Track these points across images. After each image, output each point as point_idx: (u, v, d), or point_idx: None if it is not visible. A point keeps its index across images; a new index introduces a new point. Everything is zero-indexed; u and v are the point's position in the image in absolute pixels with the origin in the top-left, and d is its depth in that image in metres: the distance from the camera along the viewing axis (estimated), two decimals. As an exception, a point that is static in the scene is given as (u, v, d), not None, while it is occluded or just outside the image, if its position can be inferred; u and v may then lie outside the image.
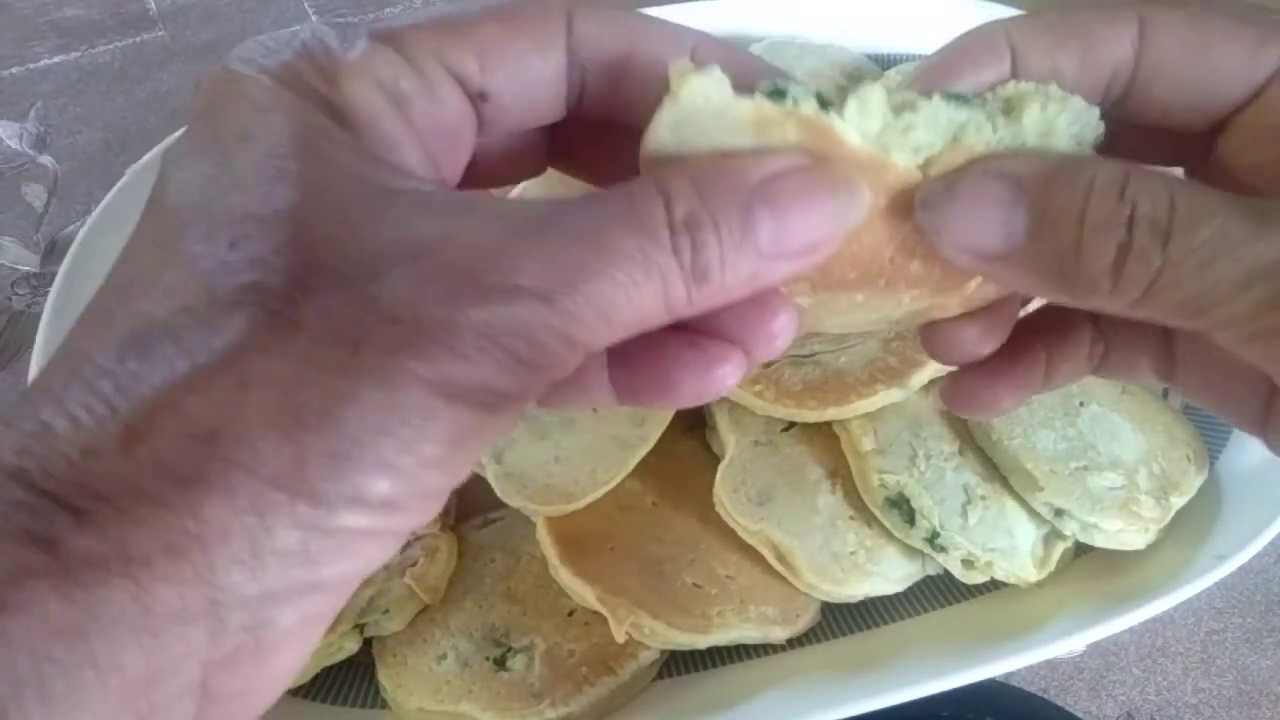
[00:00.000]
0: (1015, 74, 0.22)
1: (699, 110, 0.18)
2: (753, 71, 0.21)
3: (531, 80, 0.21)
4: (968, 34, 0.23)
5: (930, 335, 0.25)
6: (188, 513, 0.16)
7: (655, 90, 0.19)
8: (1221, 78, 0.22)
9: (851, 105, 0.19)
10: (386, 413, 0.17)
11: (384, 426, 0.17)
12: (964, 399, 0.27)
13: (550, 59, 0.21)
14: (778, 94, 0.18)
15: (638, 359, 0.21)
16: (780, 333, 0.21)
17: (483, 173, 0.24)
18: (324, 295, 0.17)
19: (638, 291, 0.18)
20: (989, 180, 0.20)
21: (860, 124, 0.19)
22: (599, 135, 0.24)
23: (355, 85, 0.19)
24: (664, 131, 0.19)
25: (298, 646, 0.18)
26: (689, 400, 0.22)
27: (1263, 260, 0.18)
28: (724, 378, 0.21)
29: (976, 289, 0.23)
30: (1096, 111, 0.21)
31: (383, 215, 0.18)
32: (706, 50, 0.22)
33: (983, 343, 0.25)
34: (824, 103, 0.19)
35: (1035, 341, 0.26)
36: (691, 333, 0.21)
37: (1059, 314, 0.27)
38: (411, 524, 0.19)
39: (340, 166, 0.18)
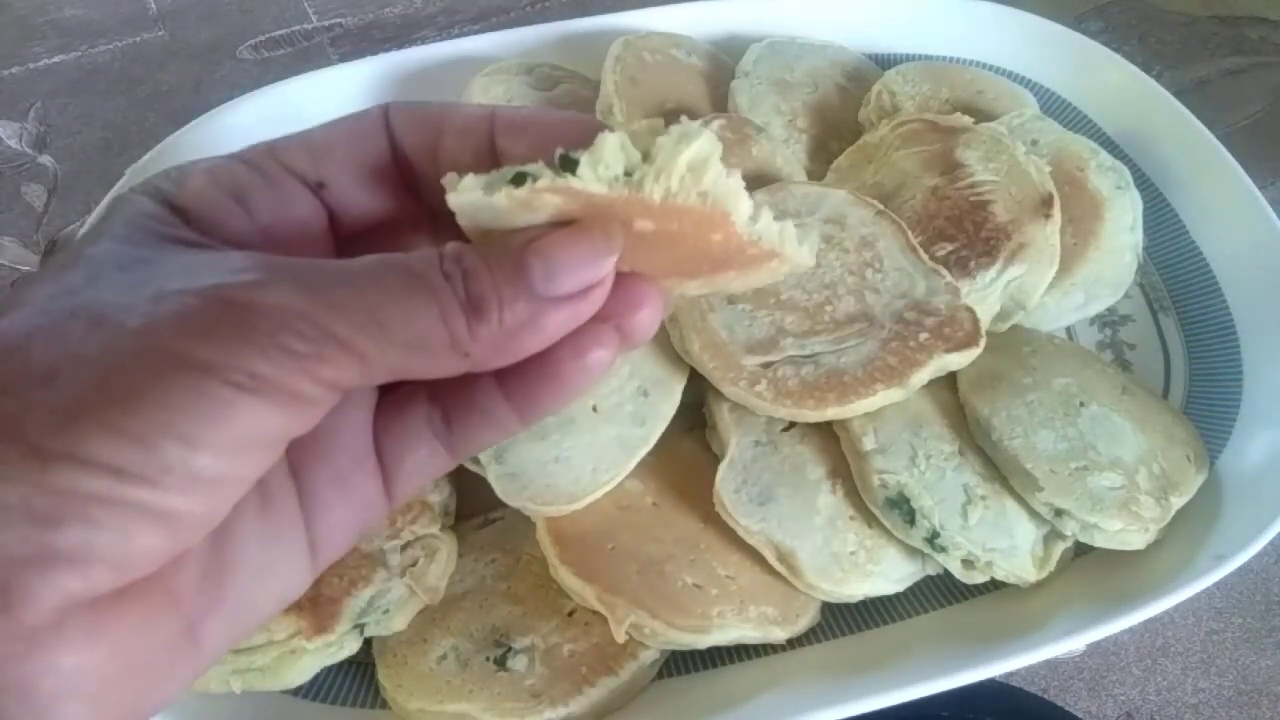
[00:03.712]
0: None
1: (476, 206, 0.21)
2: (553, 136, 0.23)
3: (362, 165, 0.25)
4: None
5: None
6: None
7: (464, 165, 0.23)
8: None
9: (584, 162, 0.21)
10: (131, 376, 0.19)
11: (128, 389, 0.18)
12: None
13: (372, 144, 0.25)
14: (520, 178, 0.21)
15: (525, 360, 0.23)
16: (646, 317, 0.24)
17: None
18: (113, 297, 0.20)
19: (410, 301, 0.21)
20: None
21: (600, 173, 0.21)
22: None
23: (194, 183, 0.24)
24: (465, 220, 0.22)
25: (78, 637, 0.19)
26: (574, 384, 0.24)
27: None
28: (600, 360, 0.23)
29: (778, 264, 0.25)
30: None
31: (179, 263, 0.21)
32: (505, 118, 0.25)
33: None
34: (570, 163, 0.21)
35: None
36: None
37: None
38: (169, 502, 0.19)
39: (155, 233, 0.22)
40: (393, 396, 0.26)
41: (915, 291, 0.45)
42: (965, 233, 0.49)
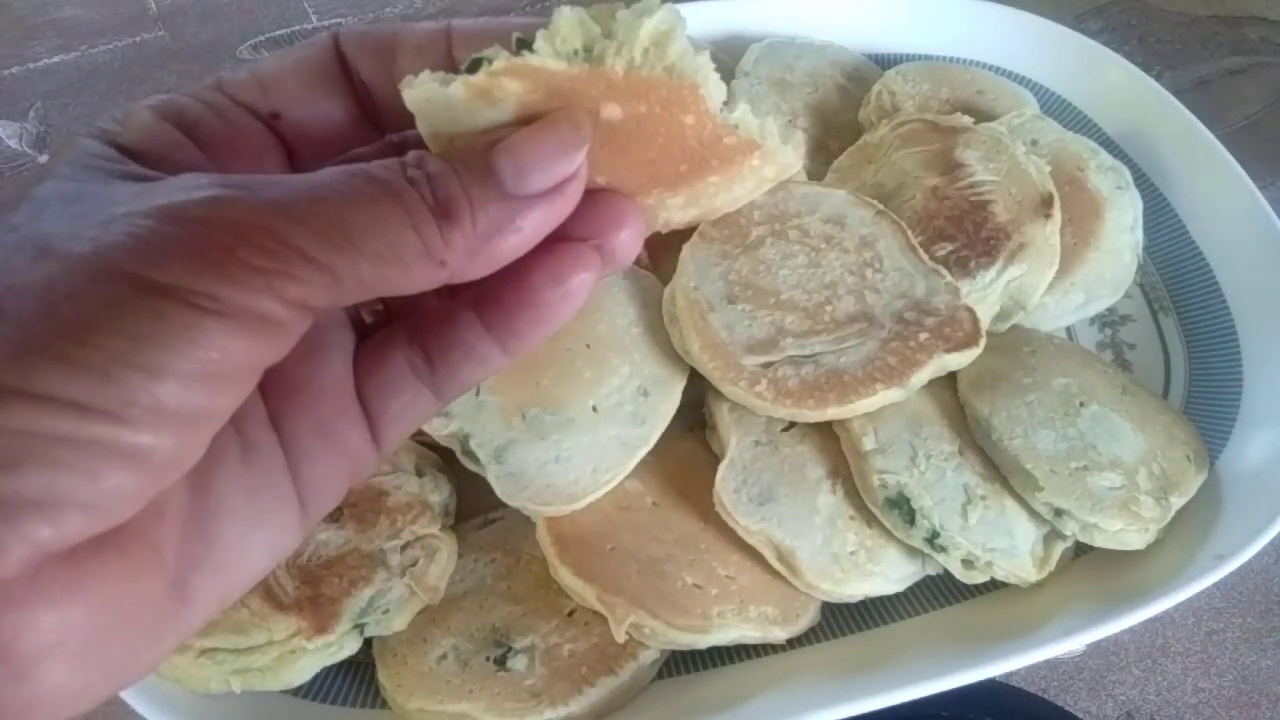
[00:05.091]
0: None
1: (435, 104, 0.21)
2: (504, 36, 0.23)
3: (315, 93, 0.24)
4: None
5: None
6: None
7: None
8: None
9: (540, 38, 0.20)
10: (81, 304, 0.17)
11: (79, 318, 0.17)
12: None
13: (324, 71, 0.24)
14: (475, 64, 0.20)
15: (502, 288, 0.23)
16: (627, 238, 0.23)
17: None
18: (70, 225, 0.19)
19: (375, 209, 0.19)
20: None
21: (559, 49, 0.20)
22: None
23: (139, 120, 0.23)
24: (424, 125, 0.21)
25: (56, 591, 0.17)
26: (556, 311, 0.23)
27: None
28: (582, 284, 0.23)
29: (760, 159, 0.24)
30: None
31: (129, 190, 0.20)
32: (462, 30, 0.24)
33: None
34: (525, 43, 0.20)
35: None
36: (549, 242, 0.23)
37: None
38: (137, 438, 0.18)
39: (102, 170, 0.21)
40: (372, 341, 0.25)
41: (915, 291, 0.45)
42: (965, 233, 0.49)
